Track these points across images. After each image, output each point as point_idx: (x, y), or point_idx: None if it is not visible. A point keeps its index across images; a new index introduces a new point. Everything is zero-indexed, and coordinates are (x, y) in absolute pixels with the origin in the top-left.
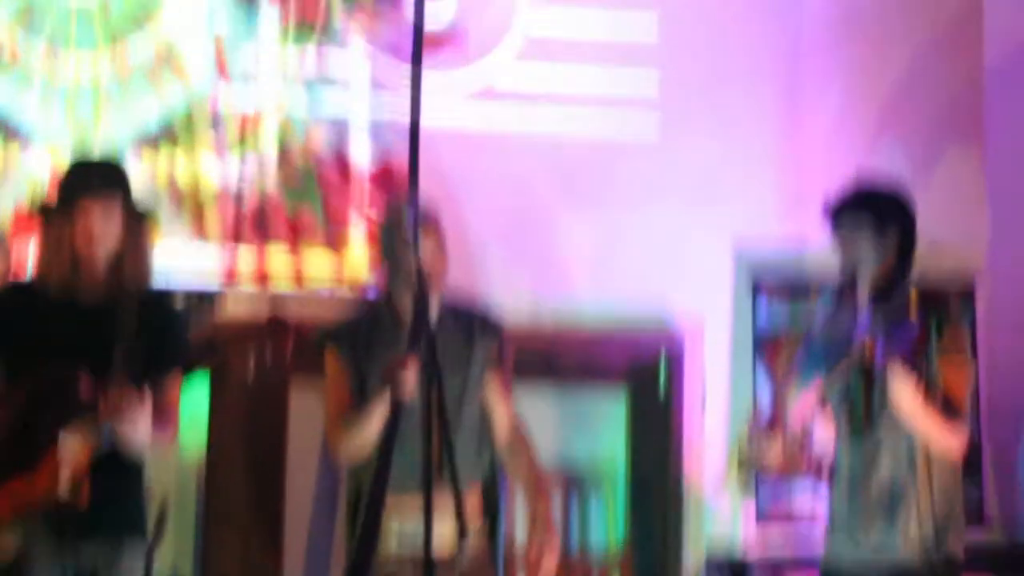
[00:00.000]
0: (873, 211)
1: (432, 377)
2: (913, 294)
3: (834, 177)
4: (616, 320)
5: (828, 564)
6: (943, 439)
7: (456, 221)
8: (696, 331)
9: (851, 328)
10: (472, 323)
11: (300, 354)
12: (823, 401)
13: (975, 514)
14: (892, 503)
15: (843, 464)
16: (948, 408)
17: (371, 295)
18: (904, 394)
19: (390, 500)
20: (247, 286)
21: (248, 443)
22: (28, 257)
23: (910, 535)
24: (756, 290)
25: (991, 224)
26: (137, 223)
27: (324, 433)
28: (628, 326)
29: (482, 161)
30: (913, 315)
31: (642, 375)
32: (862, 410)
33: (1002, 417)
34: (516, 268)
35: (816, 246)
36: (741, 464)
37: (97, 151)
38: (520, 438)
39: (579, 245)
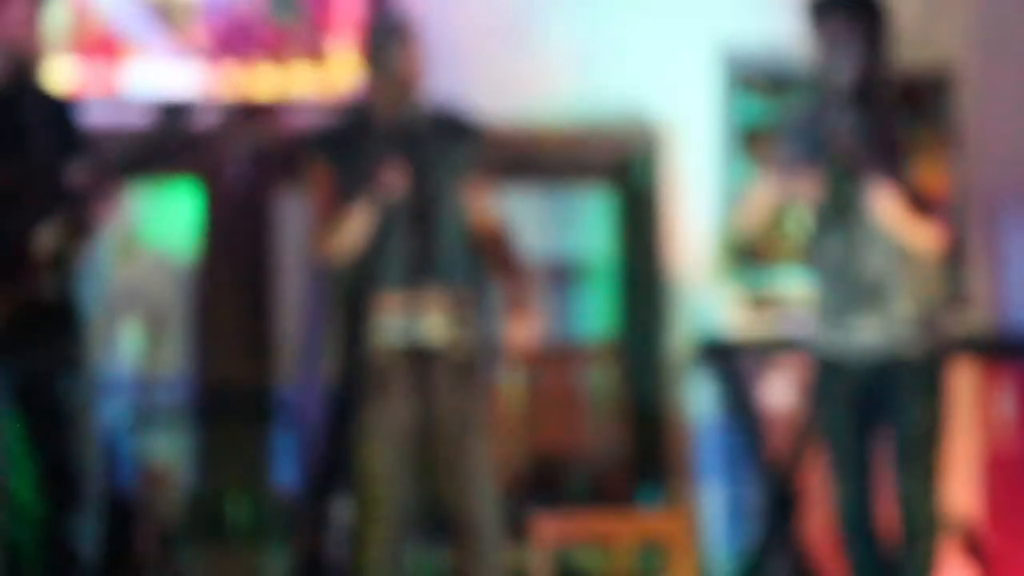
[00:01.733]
0: (851, 6)
1: (413, 178)
2: (891, 92)
3: None
4: (599, 117)
5: (817, 351)
6: (923, 240)
7: (436, 25)
8: (679, 125)
9: (830, 125)
10: (450, 124)
11: (284, 161)
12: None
13: (959, 298)
14: (877, 292)
15: (826, 255)
16: (926, 208)
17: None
18: (884, 204)
19: (379, 298)
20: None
21: (235, 249)
22: None
23: (897, 320)
24: (736, 84)
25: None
26: None
27: (309, 237)
28: (611, 122)
29: None
30: (891, 113)
31: (626, 170)
32: (842, 207)
33: (987, 203)
34: (497, 71)
35: (795, 40)
36: (729, 242)
37: None
38: (497, 231)
39: (560, 46)
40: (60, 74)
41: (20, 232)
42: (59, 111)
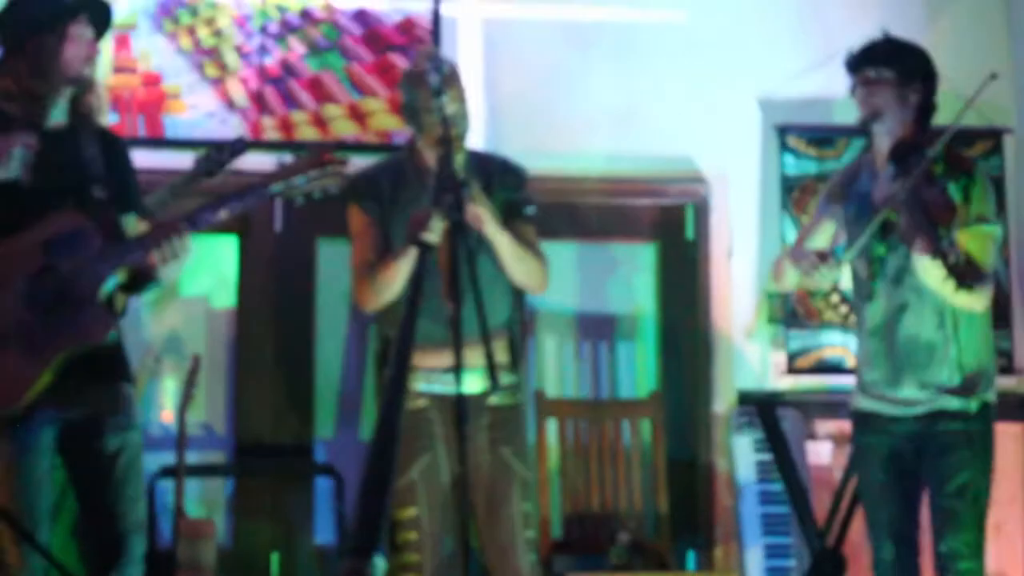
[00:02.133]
0: (895, 65)
1: (457, 227)
2: (940, 152)
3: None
4: (645, 172)
5: (860, 412)
6: (966, 303)
7: (483, 77)
8: (723, 180)
9: (873, 188)
10: (491, 172)
11: (326, 208)
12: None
13: (1005, 364)
14: (921, 355)
15: (870, 317)
16: (972, 273)
17: (395, 145)
18: (927, 269)
19: (417, 351)
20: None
21: (277, 297)
22: None
23: (941, 384)
24: (782, 139)
25: (1018, 80)
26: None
27: (351, 286)
28: (656, 177)
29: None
30: (936, 178)
31: (671, 225)
32: (884, 272)
33: None
34: (542, 124)
35: (840, 96)
36: (770, 305)
37: None
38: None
39: (606, 99)
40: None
41: (89, 282)
42: (115, 152)
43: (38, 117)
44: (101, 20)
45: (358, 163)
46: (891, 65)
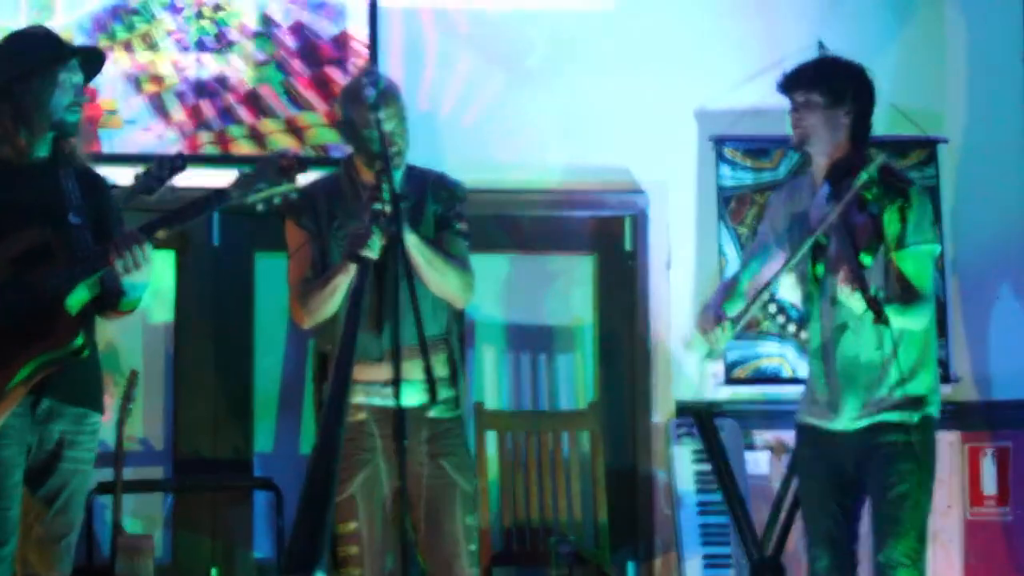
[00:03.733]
0: (823, 88)
1: (394, 242)
2: (874, 175)
3: (793, 44)
4: (581, 183)
5: (802, 429)
6: (903, 324)
7: (419, 92)
8: (661, 192)
9: (808, 207)
10: (426, 186)
11: (263, 222)
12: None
13: (941, 373)
14: (860, 380)
15: (810, 341)
16: (909, 294)
17: (333, 159)
18: (847, 299)
19: (356, 364)
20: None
21: (215, 311)
22: None
23: (880, 397)
24: (719, 150)
25: (951, 90)
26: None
27: (288, 301)
28: (593, 188)
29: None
30: (868, 202)
31: (609, 236)
32: (823, 292)
33: (972, 278)
34: (479, 137)
35: (776, 107)
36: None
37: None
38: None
39: (543, 113)
40: None
41: (54, 290)
42: (93, 187)
43: (19, 157)
44: (92, 66)
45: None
46: (819, 88)
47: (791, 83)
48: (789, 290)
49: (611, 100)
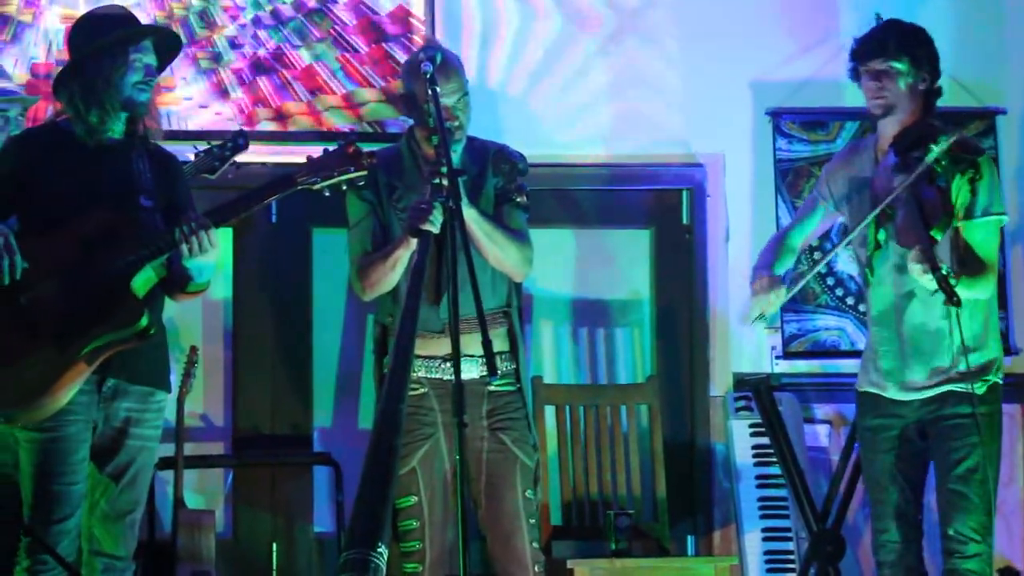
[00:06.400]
0: (905, 56)
1: (454, 215)
2: (945, 148)
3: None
4: (638, 157)
5: (865, 399)
6: (969, 295)
7: (477, 65)
8: (718, 165)
9: (874, 174)
10: (487, 158)
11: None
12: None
13: (1007, 345)
14: (926, 347)
15: (873, 307)
16: (975, 264)
17: (390, 135)
18: (925, 281)
19: (416, 338)
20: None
21: (273, 287)
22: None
23: (944, 368)
24: (776, 123)
25: (1010, 60)
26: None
27: (349, 275)
28: (650, 162)
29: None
30: (938, 174)
31: (666, 210)
32: (886, 258)
33: None
34: (537, 111)
35: (833, 78)
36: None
37: None
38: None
39: (601, 86)
40: None
41: (120, 272)
42: (165, 168)
43: (91, 137)
44: (167, 48)
45: None
46: (901, 56)
47: (871, 51)
48: (847, 262)
49: (668, 73)
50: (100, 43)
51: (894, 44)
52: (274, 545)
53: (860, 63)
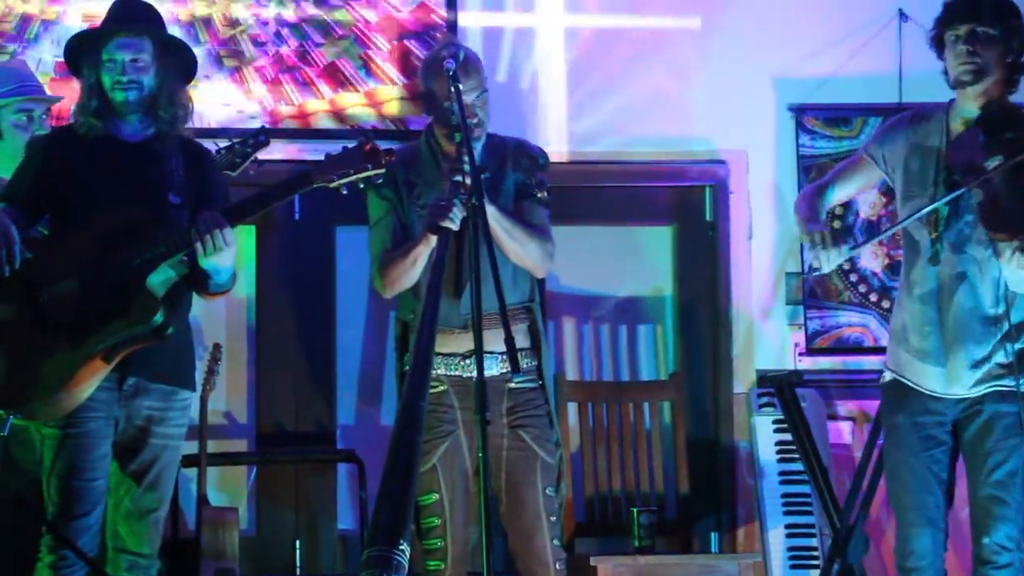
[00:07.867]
0: (1002, 22)
1: (474, 213)
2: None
3: (871, 10)
4: (661, 153)
5: (894, 391)
6: None
7: (500, 63)
8: (741, 161)
9: (945, 145)
10: (505, 153)
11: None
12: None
13: None
14: (973, 333)
15: (919, 285)
16: None
17: (411, 132)
18: (1009, 261)
19: (437, 335)
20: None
21: (296, 285)
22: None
23: (989, 359)
24: (798, 119)
25: None
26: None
27: (370, 272)
28: (673, 158)
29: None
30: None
31: (689, 206)
32: (946, 235)
33: None
34: (559, 108)
35: (855, 74)
36: (789, 286)
37: None
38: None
39: (623, 82)
40: None
41: (136, 269)
42: (196, 162)
43: (108, 131)
44: (166, 44)
45: None
46: (998, 23)
47: (965, 14)
48: (869, 259)
49: (691, 69)
50: (75, 48)
51: (989, 10)
52: (297, 542)
53: (950, 27)
